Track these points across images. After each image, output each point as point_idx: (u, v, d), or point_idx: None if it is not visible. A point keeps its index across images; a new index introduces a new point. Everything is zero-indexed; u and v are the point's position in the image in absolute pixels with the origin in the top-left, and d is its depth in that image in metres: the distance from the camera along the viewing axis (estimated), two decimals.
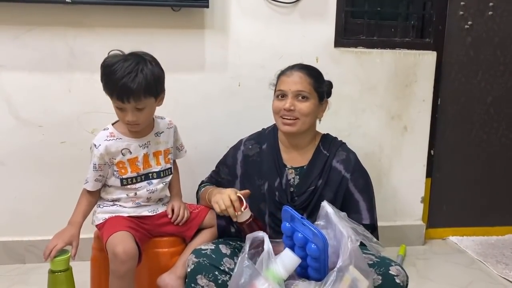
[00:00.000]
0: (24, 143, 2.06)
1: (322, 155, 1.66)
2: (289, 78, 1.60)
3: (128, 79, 1.42)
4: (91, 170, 1.57)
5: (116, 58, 1.47)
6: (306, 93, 1.58)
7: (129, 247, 1.44)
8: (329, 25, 2.19)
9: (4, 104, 2.02)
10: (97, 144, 1.55)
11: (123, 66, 1.44)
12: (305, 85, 1.59)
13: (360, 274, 1.24)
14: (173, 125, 1.72)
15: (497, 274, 2.16)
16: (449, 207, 2.54)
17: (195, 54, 2.10)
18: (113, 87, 1.45)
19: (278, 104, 1.61)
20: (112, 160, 1.57)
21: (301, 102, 1.58)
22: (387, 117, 2.32)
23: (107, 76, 1.46)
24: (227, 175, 1.73)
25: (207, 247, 1.46)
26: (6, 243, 2.12)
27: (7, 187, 2.09)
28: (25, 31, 1.97)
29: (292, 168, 1.66)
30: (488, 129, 2.50)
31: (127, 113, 1.49)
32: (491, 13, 2.36)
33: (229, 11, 2.09)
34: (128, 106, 1.47)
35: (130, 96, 1.44)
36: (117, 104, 1.49)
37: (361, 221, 1.56)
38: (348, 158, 1.65)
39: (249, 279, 1.24)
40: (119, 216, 1.59)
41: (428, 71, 2.31)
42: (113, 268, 1.45)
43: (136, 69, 1.44)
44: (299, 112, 1.57)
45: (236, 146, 1.76)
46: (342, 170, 1.63)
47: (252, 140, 1.74)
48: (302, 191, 1.62)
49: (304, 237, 1.30)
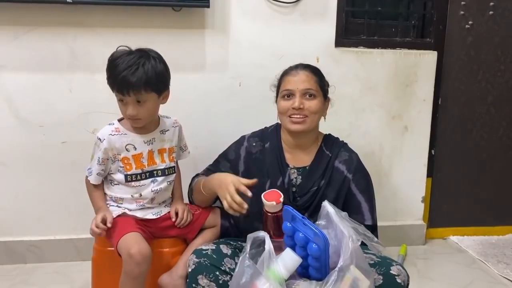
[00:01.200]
0: (25, 143, 2.06)
1: (325, 156, 1.66)
2: (295, 78, 1.61)
3: (128, 72, 1.45)
4: (95, 163, 1.57)
5: (121, 52, 1.50)
6: (313, 91, 1.60)
7: (144, 248, 1.44)
8: (330, 25, 2.19)
9: (4, 104, 2.02)
10: (101, 138, 1.55)
11: (126, 59, 1.46)
12: (312, 83, 1.60)
13: (361, 274, 1.24)
14: (178, 124, 1.73)
15: (498, 274, 2.16)
16: (449, 207, 2.54)
17: (196, 54, 2.10)
18: (114, 79, 1.47)
19: (286, 104, 1.61)
20: (116, 156, 1.57)
21: (309, 100, 1.60)
22: (387, 117, 2.32)
23: (110, 69, 1.49)
24: (227, 169, 1.71)
25: (208, 247, 1.45)
26: (7, 243, 2.12)
27: (8, 187, 2.09)
28: (26, 31, 1.97)
29: (294, 168, 1.66)
30: (488, 128, 2.49)
31: (128, 107, 1.50)
32: (492, 12, 2.36)
33: (230, 11, 2.09)
34: (128, 99, 1.48)
35: (129, 89, 1.46)
36: (118, 97, 1.51)
37: (363, 222, 1.57)
38: (350, 159, 1.66)
39: (250, 279, 1.24)
40: (127, 217, 1.58)
41: (429, 71, 2.31)
42: (127, 269, 1.44)
43: (137, 62, 1.46)
44: (308, 110, 1.59)
45: (239, 142, 1.76)
46: (344, 170, 1.64)
47: (256, 137, 1.74)
48: (305, 192, 1.62)
49: (305, 237, 1.29)
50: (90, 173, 1.60)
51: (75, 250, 2.15)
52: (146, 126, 1.61)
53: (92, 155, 1.60)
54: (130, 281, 1.45)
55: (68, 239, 2.15)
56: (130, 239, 1.46)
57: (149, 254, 1.45)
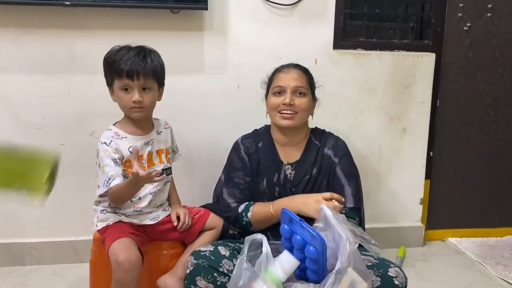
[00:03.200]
0: (23, 145, 2.05)
1: (314, 145, 1.72)
2: (287, 75, 1.67)
3: (138, 58, 1.51)
4: (112, 167, 1.49)
5: (119, 47, 1.56)
6: (304, 89, 1.66)
7: (133, 255, 1.43)
8: (328, 27, 2.19)
9: (3, 107, 2.02)
10: (108, 142, 1.53)
11: (130, 51, 1.53)
12: (303, 82, 1.67)
13: (358, 276, 1.24)
14: (169, 126, 1.74)
15: (496, 276, 2.16)
16: (448, 209, 2.54)
17: (195, 56, 2.11)
18: (123, 64, 1.50)
19: (276, 100, 1.66)
20: (122, 158, 1.56)
21: (300, 97, 1.65)
22: (386, 119, 2.32)
23: (114, 60, 1.51)
24: (242, 178, 1.71)
25: (206, 249, 1.46)
26: (6, 245, 2.12)
27: None
28: (24, 34, 1.98)
29: (288, 164, 1.71)
30: (487, 130, 2.50)
31: (134, 93, 1.52)
32: (490, 14, 2.37)
33: (228, 13, 2.10)
34: (135, 84, 1.51)
35: (139, 73, 1.50)
36: (124, 84, 1.51)
37: (345, 205, 1.60)
38: (336, 144, 1.72)
39: (247, 281, 1.25)
40: (121, 222, 1.57)
41: (427, 73, 2.32)
42: (116, 276, 1.43)
43: (143, 53, 1.54)
44: (298, 106, 1.64)
45: (235, 148, 1.77)
46: (331, 155, 1.69)
47: (250, 138, 1.77)
48: (298, 181, 1.66)
49: (303, 239, 1.30)
50: (108, 183, 1.48)
51: (74, 252, 2.15)
52: (144, 127, 1.62)
53: (102, 165, 1.51)
54: None
55: (67, 241, 2.15)
56: (120, 246, 1.45)
57: (138, 262, 1.43)
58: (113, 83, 1.54)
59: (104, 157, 1.51)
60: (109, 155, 1.51)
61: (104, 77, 1.59)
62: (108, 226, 1.56)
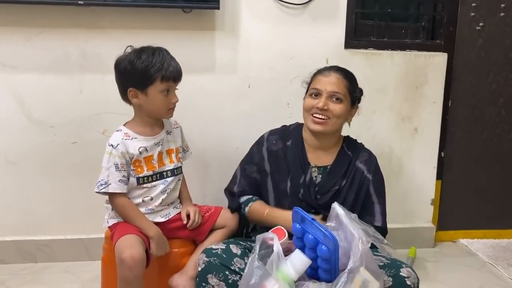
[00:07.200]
0: (36, 144, 2.08)
1: (346, 156, 1.68)
2: (326, 78, 1.63)
3: (173, 61, 1.55)
4: (112, 170, 1.52)
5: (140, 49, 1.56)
6: (341, 95, 1.61)
7: (136, 253, 1.43)
8: (339, 27, 2.18)
9: (16, 105, 2.04)
10: (114, 144, 1.54)
11: (162, 54, 1.54)
12: (341, 87, 1.61)
13: (370, 276, 1.24)
14: (178, 125, 1.75)
15: (508, 278, 2.14)
16: (459, 210, 2.53)
17: (206, 56, 2.11)
18: (166, 69, 1.51)
19: (311, 102, 1.62)
20: (131, 160, 1.57)
21: (335, 103, 1.61)
22: (397, 119, 2.31)
23: (152, 65, 1.50)
24: (255, 173, 1.71)
25: (217, 247, 1.46)
26: (18, 242, 2.14)
27: (19, 186, 2.11)
28: (38, 33, 2.00)
29: (316, 167, 1.67)
30: (499, 131, 2.48)
31: (173, 95, 1.58)
32: (503, 14, 2.35)
33: (240, 13, 2.10)
34: (174, 86, 1.57)
35: (179, 75, 1.57)
36: (167, 86, 1.54)
37: (373, 223, 1.59)
38: (370, 159, 1.69)
39: (259, 280, 1.24)
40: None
41: (439, 73, 2.30)
42: (120, 273, 1.44)
43: (169, 55, 1.57)
44: (331, 112, 1.60)
45: (259, 142, 1.76)
46: (364, 170, 1.66)
47: (276, 135, 1.74)
48: (326, 190, 1.64)
49: (315, 239, 1.30)
50: (105, 184, 1.52)
51: (85, 249, 2.16)
52: (154, 127, 1.63)
53: (102, 165, 1.54)
54: (125, 286, 1.44)
55: (78, 239, 2.16)
56: (125, 243, 1.46)
57: (141, 259, 1.43)
58: (148, 88, 1.52)
59: (107, 159, 1.54)
60: (112, 159, 1.53)
61: (124, 82, 1.56)
62: (119, 222, 1.58)
